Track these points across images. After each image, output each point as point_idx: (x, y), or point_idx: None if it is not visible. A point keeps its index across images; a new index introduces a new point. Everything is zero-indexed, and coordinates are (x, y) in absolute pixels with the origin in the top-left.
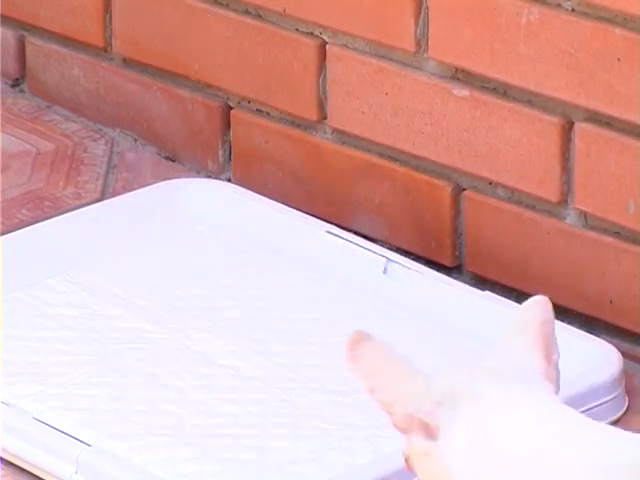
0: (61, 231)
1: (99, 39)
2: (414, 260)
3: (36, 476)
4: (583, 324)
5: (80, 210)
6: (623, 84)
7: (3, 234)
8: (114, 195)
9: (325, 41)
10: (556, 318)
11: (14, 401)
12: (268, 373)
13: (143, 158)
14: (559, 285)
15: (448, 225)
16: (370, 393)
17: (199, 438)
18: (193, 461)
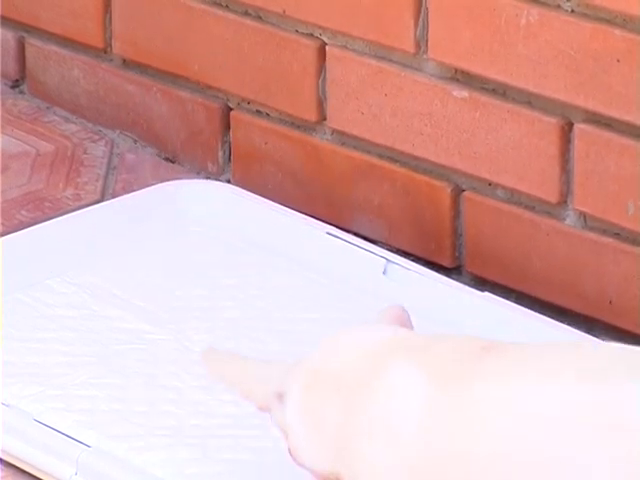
0: (61, 232)
1: (99, 40)
2: (414, 261)
3: (36, 477)
4: (582, 325)
5: (80, 211)
6: (622, 85)
7: (3, 235)
8: (114, 196)
9: (325, 42)
10: (555, 319)
11: (14, 402)
12: None
13: (143, 159)
14: (558, 286)
15: (448, 226)
16: (229, 388)
17: (199, 439)
18: (193, 462)
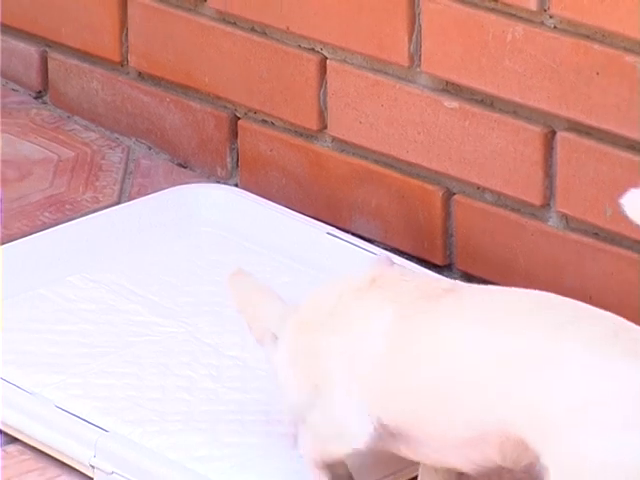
0: (81, 233)
1: (116, 54)
2: (408, 259)
3: (58, 460)
4: None
5: (98, 213)
6: (602, 96)
7: (27, 235)
8: (130, 199)
9: (325, 56)
10: None
11: (37, 390)
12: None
13: (157, 165)
14: (542, 282)
15: (439, 227)
16: (239, 313)
17: (209, 424)
18: (203, 445)
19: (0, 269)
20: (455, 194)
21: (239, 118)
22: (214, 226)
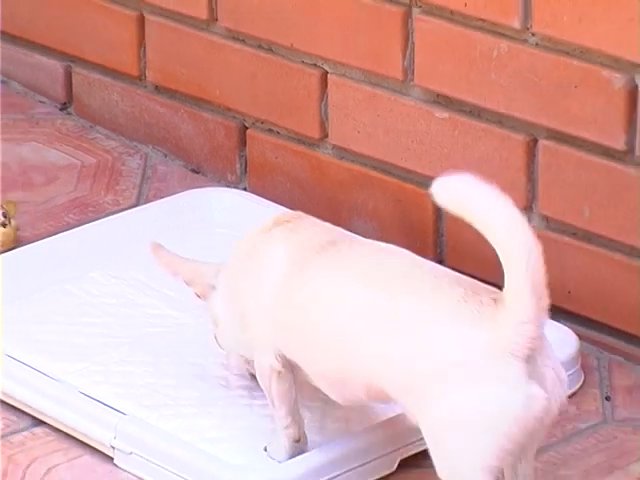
0: (102, 232)
1: (134, 69)
2: None
3: (80, 441)
4: None
5: (118, 214)
6: (579, 108)
7: (53, 235)
8: (147, 202)
9: (326, 71)
10: None
11: (63, 377)
12: None
13: (172, 170)
14: None
15: (431, 227)
16: (174, 275)
17: (219, 408)
18: (214, 428)
19: (28, 266)
20: None
21: (247, 128)
22: (224, 226)
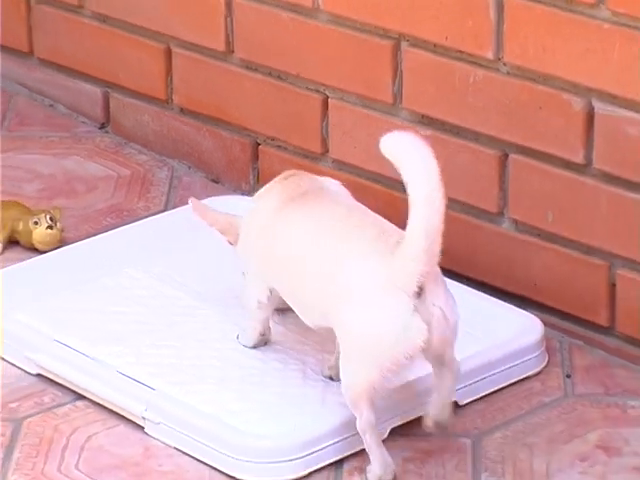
0: (136, 234)
1: (163, 94)
2: None
3: (116, 413)
4: (515, 301)
5: (149, 218)
6: (544, 127)
7: (92, 236)
8: (174, 207)
9: (327, 96)
10: (494, 296)
11: (102, 358)
12: (286, 338)
13: (195, 181)
14: (497, 273)
15: None
16: (211, 225)
17: (236, 384)
18: (232, 402)
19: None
20: None
21: (259, 144)
22: None
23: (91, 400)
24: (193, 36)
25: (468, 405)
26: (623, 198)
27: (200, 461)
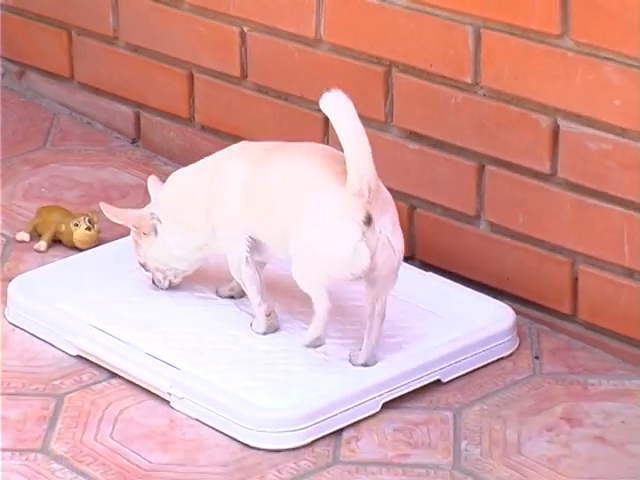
0: None
1: (186, 113)
2: None
3: (145, 389)
4: (491, 292)
5: None
6: (516, 141)
7: (125, 237)
8: None
9: None
10: (474, 289)
11: (133, 342)
12: (292, 325)
13: None
14: (477, 268)
15: (405, 230)
16: (125, 223)
17: (248, 365)
18: (245, 380)
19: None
20: (416, 208)
21: None
22: None
23: (124, 378)
24: (212, 63)
25: (450, 382)
26: (584, 203)
27: (218, 431)
